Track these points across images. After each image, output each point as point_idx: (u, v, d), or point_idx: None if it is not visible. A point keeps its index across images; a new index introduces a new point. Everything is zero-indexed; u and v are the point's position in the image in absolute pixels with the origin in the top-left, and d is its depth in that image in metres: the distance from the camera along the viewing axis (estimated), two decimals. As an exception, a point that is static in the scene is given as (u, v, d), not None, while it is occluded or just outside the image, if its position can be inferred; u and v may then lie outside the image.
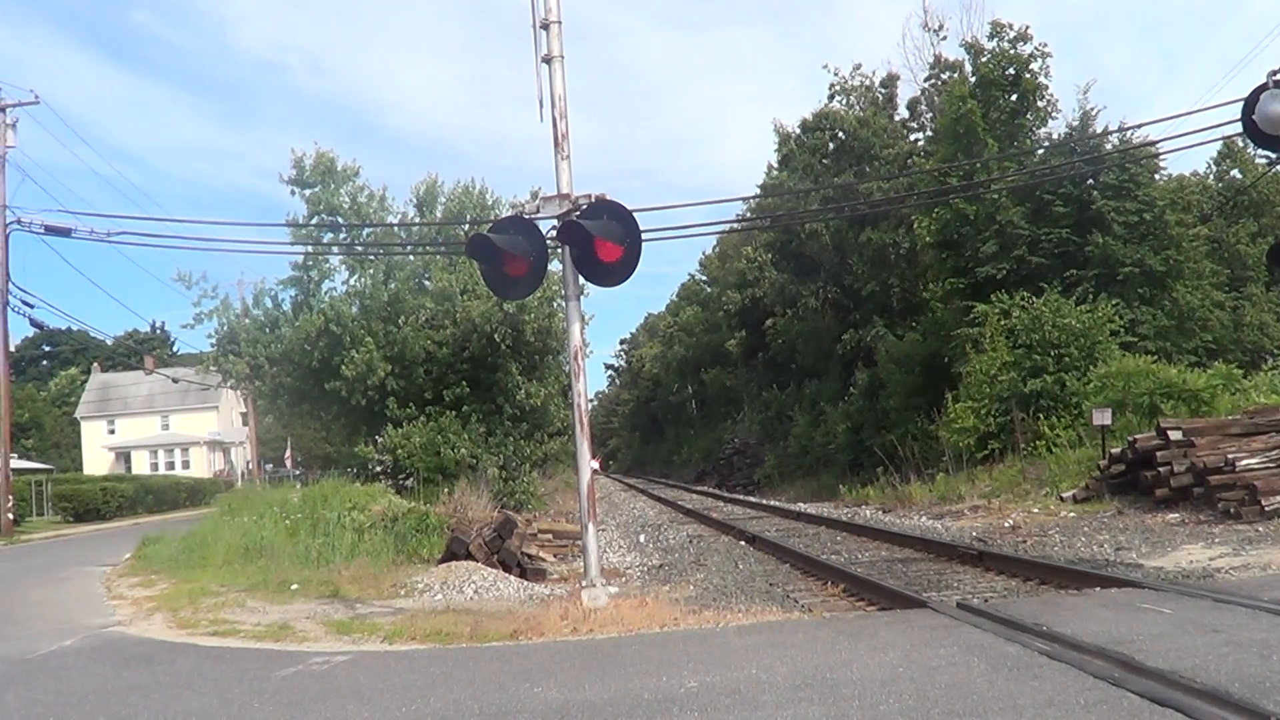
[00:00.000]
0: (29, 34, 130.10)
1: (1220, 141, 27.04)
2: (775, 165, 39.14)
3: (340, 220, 22.39)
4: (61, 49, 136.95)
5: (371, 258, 22.93)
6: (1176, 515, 13.73)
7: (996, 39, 27.52)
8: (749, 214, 39.65)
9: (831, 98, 37.86)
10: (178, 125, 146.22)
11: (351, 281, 23.21)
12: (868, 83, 38.19)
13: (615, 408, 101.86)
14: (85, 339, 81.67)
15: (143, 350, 73.99)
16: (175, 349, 79.56)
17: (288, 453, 56.59)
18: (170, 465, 63.39)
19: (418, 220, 23.97)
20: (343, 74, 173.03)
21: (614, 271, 9.32)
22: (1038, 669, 5.47)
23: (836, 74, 38.05)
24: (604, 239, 9.03)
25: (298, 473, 51.88)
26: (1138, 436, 15.72)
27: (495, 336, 21.68)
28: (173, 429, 66.67)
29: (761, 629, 7.59)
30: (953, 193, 25.04)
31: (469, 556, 12.89)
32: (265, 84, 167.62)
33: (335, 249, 23.08)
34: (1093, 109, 26.32)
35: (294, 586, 11.74)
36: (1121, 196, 24.29)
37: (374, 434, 22.12)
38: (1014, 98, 27.12)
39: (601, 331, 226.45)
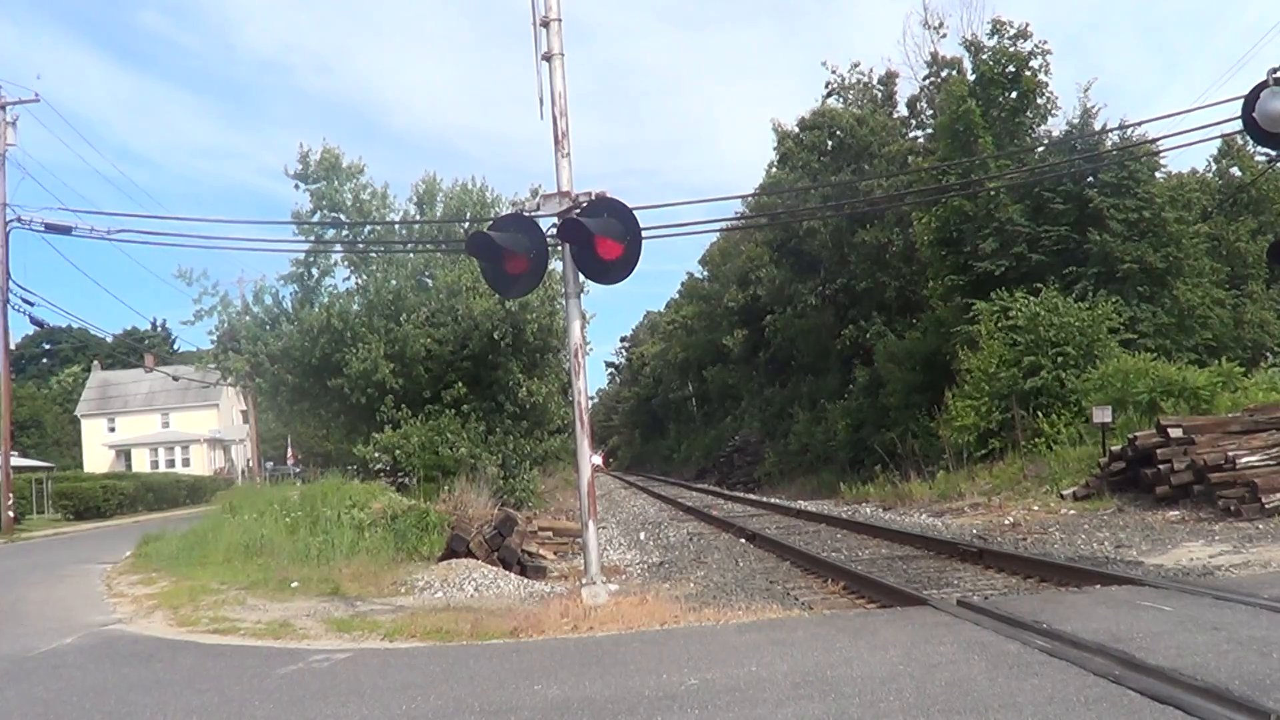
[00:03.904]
0: (37, 34, 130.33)
1: (1220, 139, 26.98)
2: (775, 164, 39.17)
3: (343, 218, 22.38)
4: (69, 49, 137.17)
5: (373, 255, 22.92)
6: (1177, 513, 13.73)
7: (997, 36, 27.47)
8: (748, 212, 39.68)
9: (829, 96, 37.88)
10: (183, 125, 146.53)
11: (353, 278, 23.24)
12: (866, 80, 38.21)
13: (616, 405, 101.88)
14: (85, 337, 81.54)
15: (143, 348, 73.86)
16: (175, 347, 79.43)
17: (289, 451, 56.58)
18: (170, 463, 63.39)
19: (418, 218, 23.95)
20: (347, 74, 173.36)
21: (614, 269, 9.32)
22: (1038, 666, 5.47)
23: (834, 72, 38.14)
24: (604, 236, 9.02)
25: (298, 470, 51.87)
26: (1138, 434, 15.71)
27: (496, 334, 21.66)
28: (173, 427, 66.66)
29: (762, 626, 7.59)
30: (952, 190, 25.03)
31: (469, 554, 12.89)
32: (270, 84, 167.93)
33: (337, 246, 23.08)
34: (1093, 107, 26.36)
35: (294, 584, 11.74)
36: (1121, 194, 24.26)
37: (373, 432, 22.10)
38: (1014, 95, 27.08)
39: (602, 329, 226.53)
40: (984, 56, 27.49)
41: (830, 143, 36.49)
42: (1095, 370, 20.64)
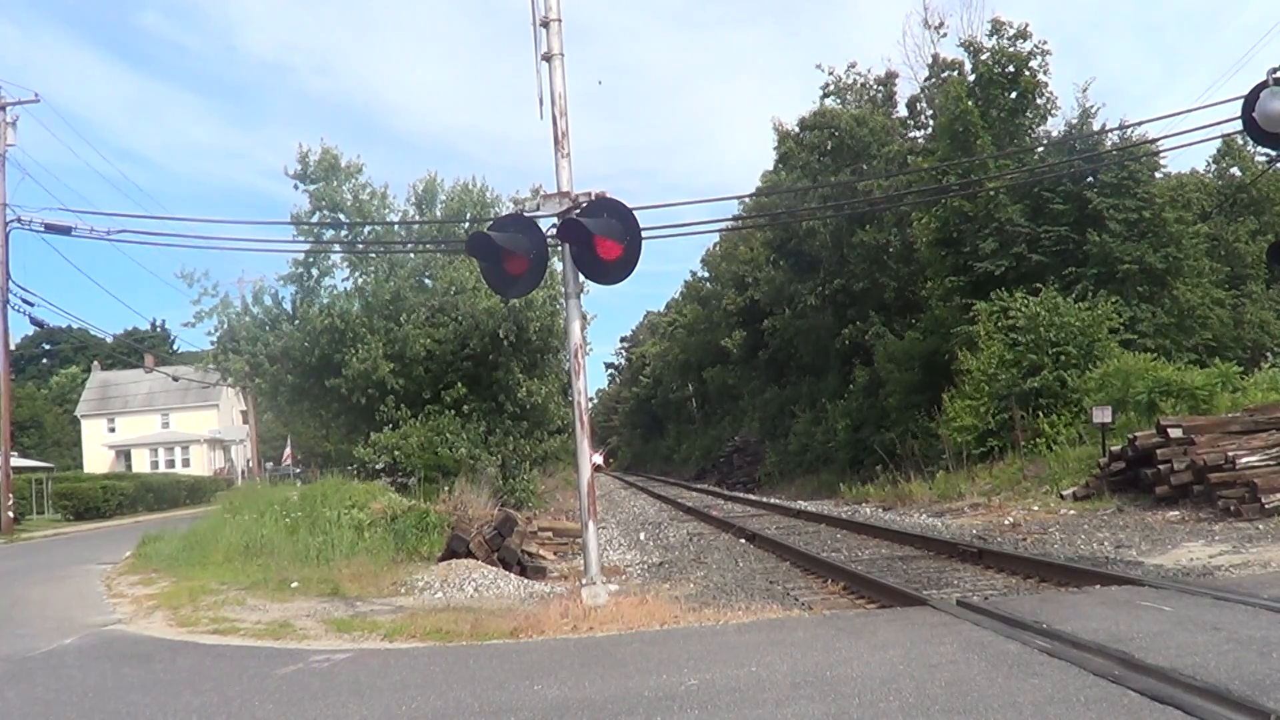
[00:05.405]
0: (40, 36, 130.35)
1: (1220, 139, 26.99)
2: (777, 164, 39.13)
3: (343, 218, 22.37)
4: (71, 50, 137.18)
5: (373, 255, 22.92)
6: (1176, 513, 13.73)
7: (996, 36, 27.49)
8: (747, 212, 39.69)
9: (825, 97, 37.85)
10: (185, 126, 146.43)
11: (352, 279, 23.24)
12: (863, 81, 38.18)
13: (615, 405, 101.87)
14: (85, 337, 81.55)
15: (143, 348, 73.77)
16: (175, 347, 79.48)
17: (288, 451, 56.55)
18: (170, 463, 63.40)
19: (418, 218, 23.95)
20: (349, 74, 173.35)
21: (614, 269, 9.33)
22: (1038, 666, 5.47)
23: (830, 73, 38.09)
24: (604, 237, 9.03)
25: (298, 471, 51.85)
26: (1138, 434, 15.70)
27: (499, 333, 21.67)
28: (173, 427, 66.67)
29: (762, 627, 7.60)
30: (951, 191, 25.04)
31: (469, 554, 12.88)
32: (272, 85, 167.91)
33: (336, 246, 23.07)
34: (1092, 107, 26.36)
35: (294, 584, 11.73)
36: (1120, 194, 24.26)
37: (373, 433, 22.09)
38: (1013, 95, 27.10)
39: (602, 330, 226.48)
40: (984, 57, 27.50)
41: (830, 143, 36.46)
42: (1095, 370, 20.63)
